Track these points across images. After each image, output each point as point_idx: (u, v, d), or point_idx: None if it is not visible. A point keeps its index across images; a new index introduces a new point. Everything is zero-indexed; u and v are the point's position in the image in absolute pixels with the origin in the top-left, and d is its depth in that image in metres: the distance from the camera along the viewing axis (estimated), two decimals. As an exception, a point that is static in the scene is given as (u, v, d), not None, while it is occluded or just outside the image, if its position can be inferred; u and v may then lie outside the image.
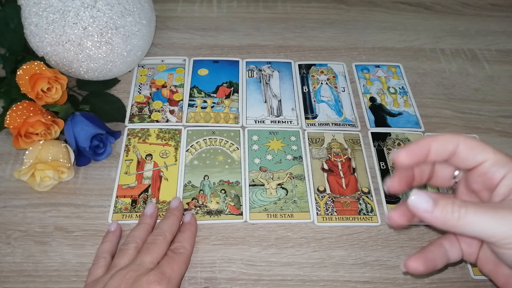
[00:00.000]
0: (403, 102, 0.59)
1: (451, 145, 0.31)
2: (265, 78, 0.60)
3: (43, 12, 0.50)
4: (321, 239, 0.45)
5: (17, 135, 0.46)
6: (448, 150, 0.31)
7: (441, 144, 0.31)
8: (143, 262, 0.38)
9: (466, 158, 0.31)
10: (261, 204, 0.48)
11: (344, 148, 0.53)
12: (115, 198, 0.47)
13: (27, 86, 0.48)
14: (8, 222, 0.45)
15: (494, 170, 0.30)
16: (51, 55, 0.52)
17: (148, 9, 0.57)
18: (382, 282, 0.43)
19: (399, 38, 0.68)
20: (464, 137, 0.31)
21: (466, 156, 0.31)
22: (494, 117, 0.58)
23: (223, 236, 0.45)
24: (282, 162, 0.51)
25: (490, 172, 0.30)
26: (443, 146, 0.31)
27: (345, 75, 0.62)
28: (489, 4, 0.74)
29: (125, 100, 0.56)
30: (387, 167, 0.52)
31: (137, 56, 0.57)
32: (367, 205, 0.48)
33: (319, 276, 0.43)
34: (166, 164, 0.50)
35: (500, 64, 0.65)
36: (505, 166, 0.30)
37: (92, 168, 0.50)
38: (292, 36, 0.67)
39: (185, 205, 0.47)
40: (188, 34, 0.66)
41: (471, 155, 0.31)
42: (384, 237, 0.46)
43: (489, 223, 0.28)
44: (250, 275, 0.43)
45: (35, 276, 0.42)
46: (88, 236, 0.44)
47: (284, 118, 0.56)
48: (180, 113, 0.55)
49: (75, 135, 0.48)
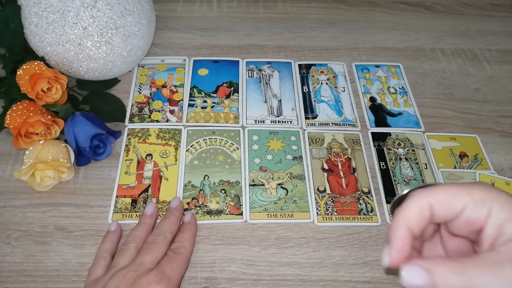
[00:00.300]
0: (403, 102, 0.59)
1: (426, 212, 0.27)
2: (265, 78, 0.60)
3: (43, 12, 0.50)
4: (321, 239, 0.45)
5: (17, 135, 0.46)
6: (425, 218, 0.27)
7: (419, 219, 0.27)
8: (143, 262, 0.38)
9: (444, 214, 0.28)
10: (261, 204, 0.48)
11: (344, 148, 0.53)
12: (115, 198, 0.47)
13: (27, 86, 0.48)
14: (8, 222, 0.45)
15: (476, 214, 0.27)
16: (51, 55, 0.52)
17: (148, 9, 0.57)
18: (382, 282, 0.43)
19: (399, 38, 0.68)
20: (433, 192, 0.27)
21: (444, 213, 0.27)
22: (494, 117, 0.58)
23: (223, 236, 0.45)
24: (282, 162, 0.51)
25: (473, 217, 0.27)
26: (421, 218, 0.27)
27: (345, 75, 0.62)
28: (489, 4, 0.74)
29: (125, 100, 0.56)
30: (387, 167, 0.52)
31: (137, 56, 0.57)
32: (367, 205, 0.48)
33: (319, 276, 0.43)
34: (166, 164, 0.50)
35: (500, 64, 0.65)
36: (485, 204, 0.27)
37: (92, 168, 0.50)
38: (292, 36, 0.67)
39: (185, 205, 0.47)
40: (188, 34, 0.66)
41: (448, 208, 0.27)
42: (384, 237, 0.46)
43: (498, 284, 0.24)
44: (250, 275, 0.42)
45: (35, 276, 0.42)
46: (88, 236, 0.44)
47: (284, 118, 0.56)
48: (180, 113, 0.55)
49: (75, 135, 0.48)
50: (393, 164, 0.52)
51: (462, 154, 0.53)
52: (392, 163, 0.52)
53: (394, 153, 0.53)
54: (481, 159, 0.53)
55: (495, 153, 0.54)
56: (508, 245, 0.25)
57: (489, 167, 0.52)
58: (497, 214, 0.26)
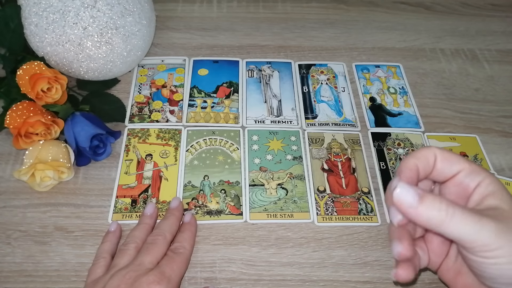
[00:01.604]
0: (403, 102, 0.59)
1: (432, 159, 0.31)
2: (265, 78, 0.60)
3: (43, 12, 0.50)
4: (321, 239, 0.45)
5: (17, 135, 0.46)
6: (430, 165, 0.31)
7: (425, 160, 0.31)
8: (143, 262, 0.38)
9: (443, 170, 0.31)
10: (261, 204, 0.48)
11: (344, 148, 0.53)
12: (115, 198, 0.47)
13: (27, 86, 0.48)
14: (8, 222, 0.45)
15: (469, 179, 0.31)
16: (51, 55, 0.52)
17: (148, 9, 0.57)
18: (382, 282, 0.43)
19: (399, 38, 0.68)
20: (439, 149, 0.31)
21: (443, 168, 0.31)
22: (494, 117, 0.58)
23: (223, 236, 0.45)
24: (282, 162, 0.51)
25: (465, 182, 0.31)
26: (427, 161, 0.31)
27: (345, 75, 0.62)
28: (489, 4, 0.74)
29: (125, 100, 0.56)
30: (387, 167, 0.52)
31: (137, 56, 0.57)
32: (367, 205, 0.48)
33: (319, 276, 0.43)
34: (166, 164, 0.50)
35: (500, 64, 0.65)
36: (479, 175, 0.30)
37: (92, 168, 0.50)
38: (292, 36, 0.67)
39: (185, 205, 0.47)
40: (188, 34, 0.66)
41: (447, 166, 0.31)
42: (384, 237, 0.46)
43: (472, 229, 0.27)
44: (250, 275, 0.43)
45: (35, 276, 0.42)
46: (88, 236, 0.44)
47: (284, 118, 0.56)
48: (180, 113, 0.55)
49: (75, 135, 0.48)
50: (393, 164, 0.52)
51: (462, 154, 0.53)
52: (392, 163, 0.52)
53: (394, 153, 0.53)
54: (481, 159, 0.53)
55: (495, 153, 0.54)
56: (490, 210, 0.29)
57: (489, 167, 0.52)
58: (485, 186, 0.30)
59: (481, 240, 0.27)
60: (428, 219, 0.28)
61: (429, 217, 0.27)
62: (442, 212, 0.27)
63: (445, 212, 0.27)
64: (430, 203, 0.27)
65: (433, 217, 0.27)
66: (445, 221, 0.27)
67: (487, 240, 0.27)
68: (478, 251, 0.28)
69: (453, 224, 0.27)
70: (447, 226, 0.27)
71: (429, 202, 0.27)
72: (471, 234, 0.27)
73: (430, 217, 0.27)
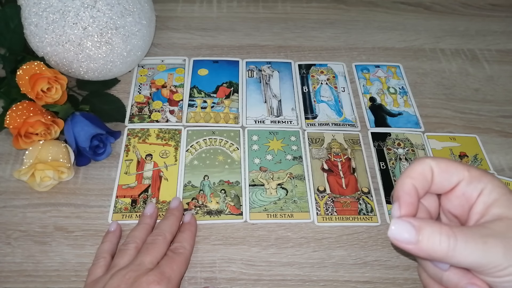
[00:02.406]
0: (403, 102, 0.59)
1: (429, 174, 0.29)
2: (265, 78, 0.60)
3: (43, 12, 0.50)
4: (321, 239, 0.45)
5: (17, 135, 0.46)
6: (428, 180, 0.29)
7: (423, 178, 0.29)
8: (142, 262, 0.38)
9: (442, 183, 0.29)
10: (261, 204, 0.48)
11: (344, 148, 0.53)
12: (115, 198, 0.47)
13: (27, 86, 0.48)
14: (8, 222, 0.45)
15: (470, 188, 0.29)
16: (51, 55, 0.52)
17: (148, 9, 0.57)
18: (382, 282, 0.43)
19: (399, 38, 0.68)
20: (434, 160, 0.29)
21: (442, 181, 0.29)
22: (494, 117, 0.58)
23: (223, 236, 0.45)
24: (282, 162, 0.51)
25: (468, 192, 0.29)
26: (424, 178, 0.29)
27: (345, 75, 0.62)
28: (489, 4, 0.74)
29: (125, 100, 0.56)
30: (387, 167, 0.52)
31: (137, 56, 0.57)
32: (367, 205, 0.48)
33: (319, 276, 0.43)
34: (166, 164, 0.50)
35: (500, 64, 0.65)
36: (480, 182, 0.29)
37: (92, 168, 0.50)
38: (292, 36, 0.67)
39: (185, 205, 0.47)
40: (188, 34, 0.66)
41: (446, 178, 0.29)
42: (384, 237, 0.46)
43: (478, 256, 0.26)
44: (250, 275, 0.43)
45: (35, 276, 0.42)
46: (88, 236, 0.44)
47: (284, 118, 0.56)
48: (180, 113, 0.55)
49: (75, 135, 0.48)
50: (393, 164, 0.52)
51: (462, 154, 0.53)
52: (392, 163, 0.52)
53: (394, 153, 0.53)
54: (481, 159, 0.53)
55: (495, 153, 0.54)
56: (495, 223, 0.27)
57: (489, 167, 0.52)
58: (488, 194, 0.28)
59: (489, 264, 0.26)
60: (429, 254, 0.26)
61: (430, 252, 0.26)
62: (443, 244, 0.26)
63: (446, 244, 0.26)
64: (429, 237, 0.26)
65: (434, 252, 0.26)
66: (448, 253, 0.26)
67: (495, 262, 0.26)
68: (488, 273, 0.27)
69: (457, 255, 0.26)
70: (451, 257, 0.26)
71: (428, 235, 0.26)
72: (478, 261, 0.26)
73: (431, 252, 0.26)
